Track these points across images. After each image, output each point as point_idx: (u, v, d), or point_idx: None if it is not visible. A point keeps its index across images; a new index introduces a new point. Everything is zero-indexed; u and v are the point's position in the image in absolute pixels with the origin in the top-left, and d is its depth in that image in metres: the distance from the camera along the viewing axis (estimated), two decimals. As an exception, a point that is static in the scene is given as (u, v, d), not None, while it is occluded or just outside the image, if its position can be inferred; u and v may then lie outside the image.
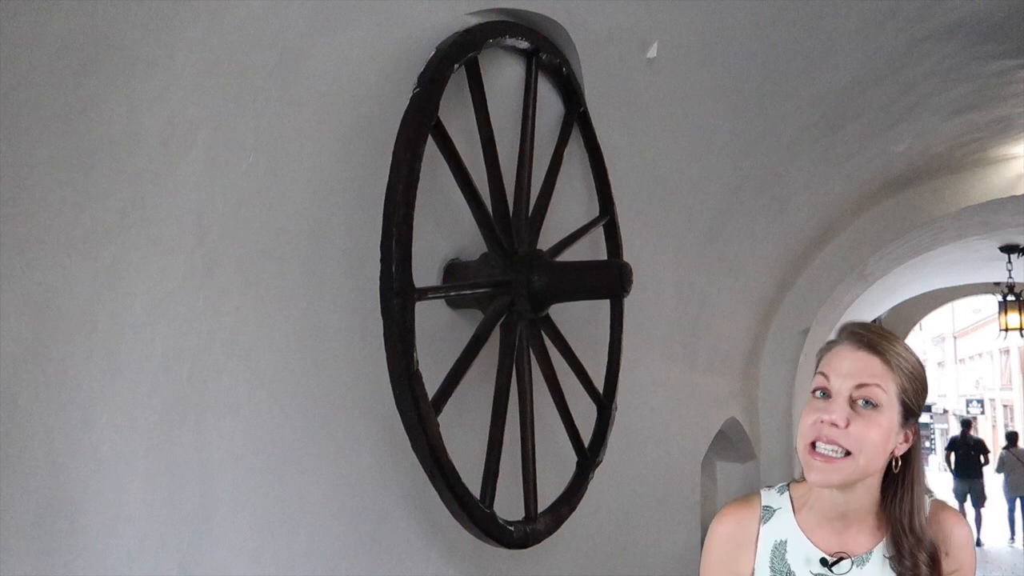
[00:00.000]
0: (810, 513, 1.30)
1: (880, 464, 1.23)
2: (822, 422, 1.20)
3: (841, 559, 1.26)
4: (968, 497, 11.96)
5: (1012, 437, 12.75)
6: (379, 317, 1.44)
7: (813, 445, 1.21)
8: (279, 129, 1.38)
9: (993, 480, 12.46)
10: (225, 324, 1.30)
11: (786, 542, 1.30)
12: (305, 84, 1.42)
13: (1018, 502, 11.71)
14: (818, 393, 1.24)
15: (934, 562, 1.24)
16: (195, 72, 1.20)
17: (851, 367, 1.22)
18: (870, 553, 1.27)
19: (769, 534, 1.31)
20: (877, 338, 1.24)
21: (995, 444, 17.71)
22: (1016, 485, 11.66)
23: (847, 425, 1.19)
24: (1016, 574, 9.79)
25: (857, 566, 1.26)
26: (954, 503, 11.79)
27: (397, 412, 1.47)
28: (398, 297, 1.43)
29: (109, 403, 1.12)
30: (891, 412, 1.22)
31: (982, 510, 11.87)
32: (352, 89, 1.52)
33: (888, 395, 1.21)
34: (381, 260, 1.43)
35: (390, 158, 1.48)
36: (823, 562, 1.26)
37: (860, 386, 1.21)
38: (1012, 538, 11.80)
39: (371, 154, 1.54)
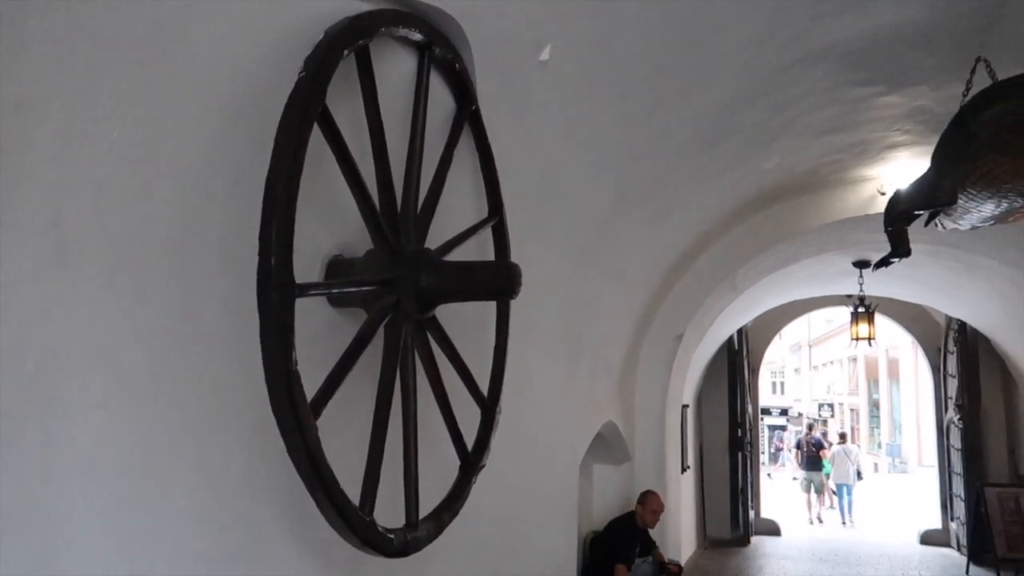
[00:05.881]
0: None
1: None
2: None
3: None
4: (811, 486, 14.89)
5: (843, 436, 17.10)
6: (255, 314, 1.35)
7: None
8: (149, 107, 1.27)
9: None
10: (81, 316, 1.18)
11: None
12: (180, 60, 1.31)
13: (844, 489, 14.50)
14: None
15: None
16: (53, 34, 1.08)
17: None
18: None
19: None
20: None
21: (839, 444, 20.36)
22: (841, 475, 14.74)
23: None
24: (813, 554, 10.91)
25: None
26: (803, 493, 15.16)
27: (272, 415, 1.38)
28: (277, 292, 1.34)
29: (-64, 403, 0.99)
30: None
31: (821, 495, 14.99)
32: (233, 69, 1.42)
33: None
34: (259, 252, 1.34)
35: (271, 145, 1.39)
36: None
37: None
38: (844, 522, 14.27)
39: (251, 140, 1.44)
